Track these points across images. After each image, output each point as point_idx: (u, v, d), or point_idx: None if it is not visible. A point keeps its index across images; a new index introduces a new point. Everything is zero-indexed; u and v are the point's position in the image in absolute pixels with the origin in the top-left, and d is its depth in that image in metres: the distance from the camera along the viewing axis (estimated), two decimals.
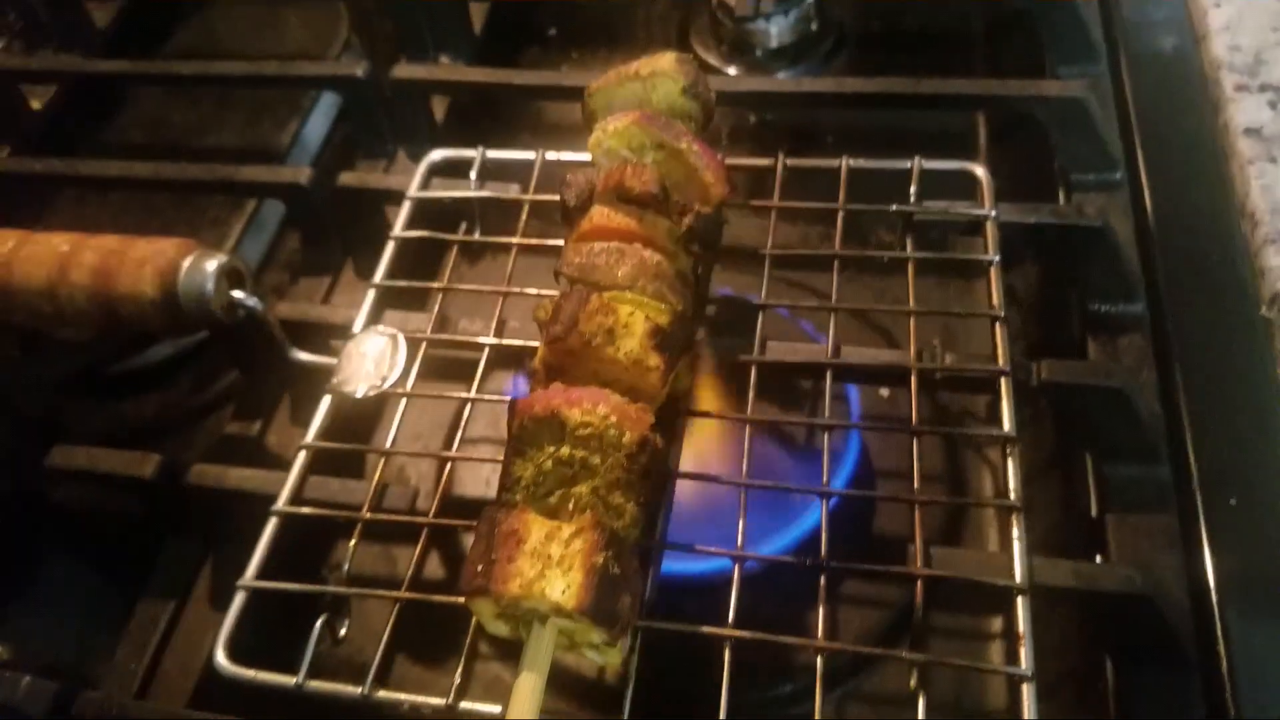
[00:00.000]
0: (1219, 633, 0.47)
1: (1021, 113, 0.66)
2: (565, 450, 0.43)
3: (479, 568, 0.40)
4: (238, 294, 0.54)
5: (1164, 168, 0.67)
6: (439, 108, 0.80)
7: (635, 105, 0.55)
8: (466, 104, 0.80)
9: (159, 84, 0.82)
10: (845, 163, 0.60)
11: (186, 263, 0.52)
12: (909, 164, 0.59)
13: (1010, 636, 0.42)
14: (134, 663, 0.53)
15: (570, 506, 0.43)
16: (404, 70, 0.73)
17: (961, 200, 0.59)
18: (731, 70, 0.91)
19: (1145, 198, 0.65)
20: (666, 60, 0.54)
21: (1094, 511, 0.54)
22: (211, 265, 0.52)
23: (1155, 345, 0.57)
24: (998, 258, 0.54)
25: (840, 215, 0.58)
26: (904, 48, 0.90)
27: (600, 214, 0.51)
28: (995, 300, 0.52)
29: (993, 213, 0.56)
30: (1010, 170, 0.76)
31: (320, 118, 0.84)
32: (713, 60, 0.92)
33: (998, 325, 0.51)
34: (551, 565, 0.39)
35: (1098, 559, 0.52)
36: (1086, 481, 0.55)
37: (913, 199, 0.58)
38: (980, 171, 0.58)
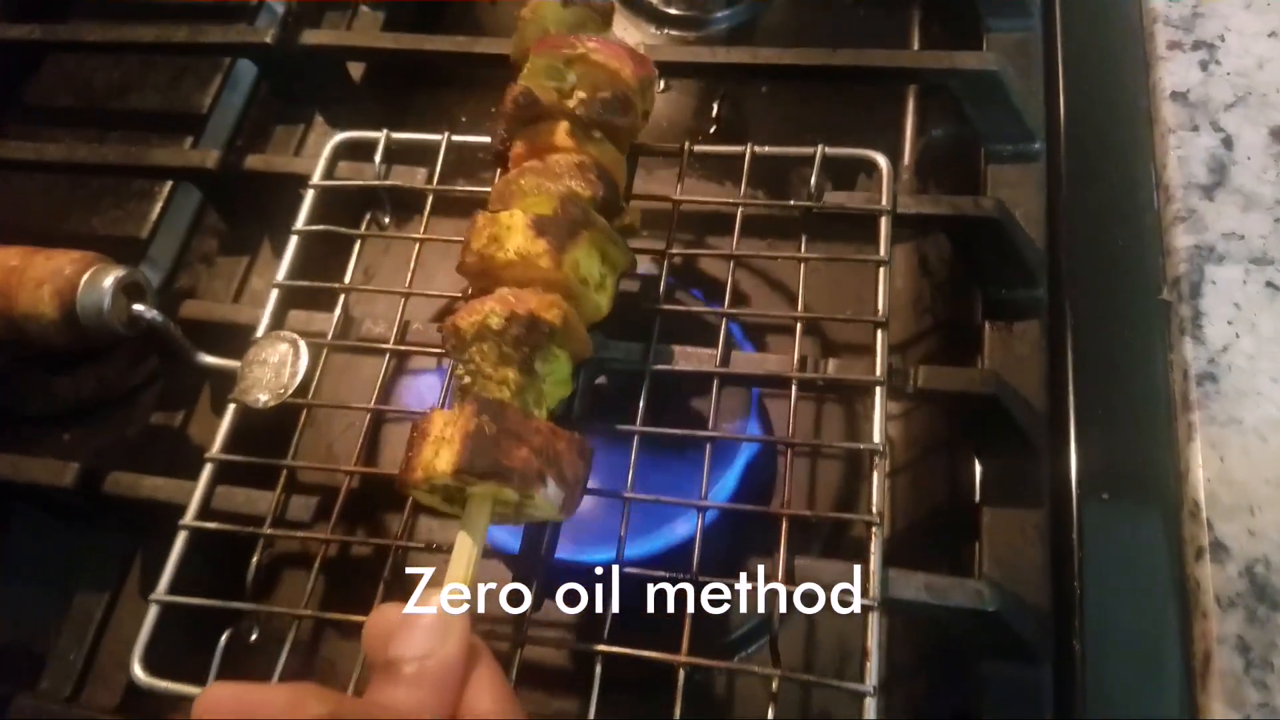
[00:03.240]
0: (1076, 632, 0.50)
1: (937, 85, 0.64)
2: (468, 355, 0.47)
3: (401, 469, 0.45)
4: (138, 307, 0.55)
5: (1086, 137, 0.66)
6: (357, 68, 0.78)
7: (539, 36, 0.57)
8: (387, 63, 0.78)
9: (65, 50, 0.80)
10: (749, 150, 0.60)
11: (83, 280, 0.53)
12: (812, 151, 0.59)
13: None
14: (73, 653, 0.57)
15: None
16: (313, 36, 0.72)
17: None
18: (671, 10, 0.89)
19: (1061, 172, 0.64)
20: None
21: (977, 499, 0.57)
22: (108, 282, 0.53)
23: (1049, 337, 0.58)
24: (889, 259, 0.54)
25: (739, 213, 0.57)
26: None
27: (514, 147, 0.55)
28: (881, 304, 0.53)
29: (887, 207, 0.56)
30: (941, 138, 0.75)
31: (245, 74, 0.83)
32: (655, 0, 0.90)
33: (879, 331, 0.52)
34: (442, 445, 0.44)
35: (976, 546, 0.55)
36: (972, 471, 0.57)
37: (812, 188, 0.58)
38: (881, 160, 0.57)
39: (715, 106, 0.82)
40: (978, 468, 0.57)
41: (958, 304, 0.66)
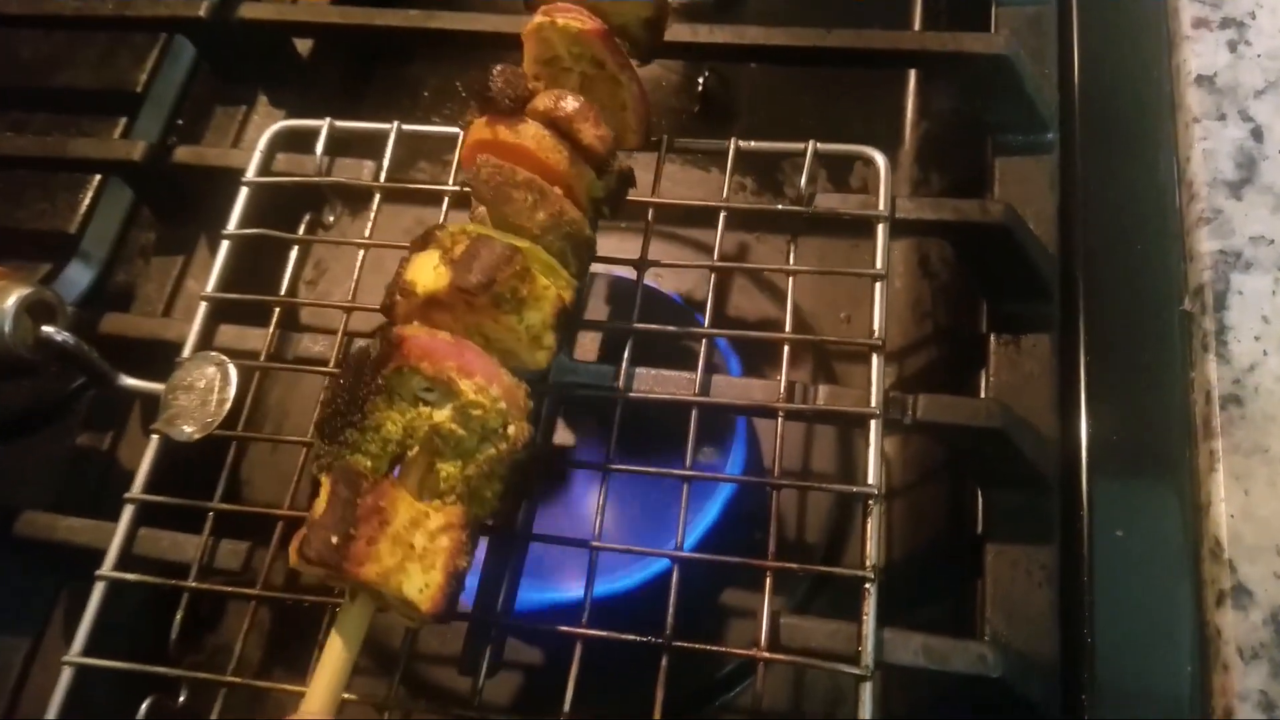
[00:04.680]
0: (1086, 685, 0.46)
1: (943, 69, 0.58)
2: (446, 422, 0.40)
3: (333, 539, 0.37)
4: (47, 329, 0.49)
5: (1103, 127, 0.60)
6: (306, 42, 0.71)
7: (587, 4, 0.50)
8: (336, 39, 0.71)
9: None
10: (734, 144, 0.54)
11: None
12: (803, 146, 0.53)
13: None
14: None
15: (436, 484, 0.40)
16: (251, 10, 0.65)
17: None
18: None
19: (1076, 167, 0.58)
20: None
21: (980, 529, 0.52)
22: (9, 303, 0.47)
23: (1060, 354, 0.53)
24: (885, 272, 0.49)
25: (721, 216, 0.52)
26: None
27: (533, 136, 0.46)
28: (876, 325, 0.47)
29: (885, 213, 0.50)
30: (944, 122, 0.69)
31: (186, 47, 0.75)
32: None
33: (875, 356, 0.47)
34: (413, 557, 0.38)
35: (979, 584, 0.50)
36: (975, 501, 0.52)
37: (803, 190, 0.52)
38: (879, 158, 0.52)
39: (701, 82, 0.76)
40: (980, 498, 0.52)
41: (961, 308, 0.61)
